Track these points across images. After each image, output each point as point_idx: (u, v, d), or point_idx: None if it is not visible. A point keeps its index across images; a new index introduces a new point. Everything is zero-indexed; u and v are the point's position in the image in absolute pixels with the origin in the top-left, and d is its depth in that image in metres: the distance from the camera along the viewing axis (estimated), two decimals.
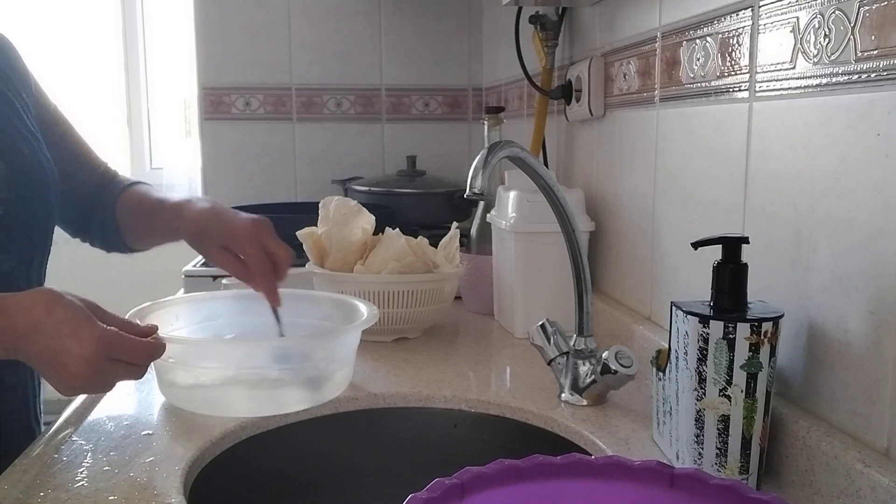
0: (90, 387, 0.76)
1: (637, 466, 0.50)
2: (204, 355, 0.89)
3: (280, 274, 0.93)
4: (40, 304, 0.72)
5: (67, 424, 0.84)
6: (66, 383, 0.73)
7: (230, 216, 0.95)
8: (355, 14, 2.08)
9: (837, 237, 0.65)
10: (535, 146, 1.41)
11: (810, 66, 0.68)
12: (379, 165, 2.13)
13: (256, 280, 0.92)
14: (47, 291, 0.74)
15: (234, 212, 0.96)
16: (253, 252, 0.91)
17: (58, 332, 0.71)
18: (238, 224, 0.93)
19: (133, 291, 1.56)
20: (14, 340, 0.72)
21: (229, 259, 0.94)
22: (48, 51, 2.95)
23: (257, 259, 0.91)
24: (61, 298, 0.73)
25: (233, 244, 0.93)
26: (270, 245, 0.92)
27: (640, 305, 1.08)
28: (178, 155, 2.57)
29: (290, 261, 0.93)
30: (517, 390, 0.95)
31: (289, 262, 0.93)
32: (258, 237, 0.92)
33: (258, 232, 0.92)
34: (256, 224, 0.93)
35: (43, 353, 0.72)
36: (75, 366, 0.71)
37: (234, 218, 0.94)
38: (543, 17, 1.36)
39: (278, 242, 0.93)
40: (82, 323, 0.72)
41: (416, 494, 0.46)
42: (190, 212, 0.97)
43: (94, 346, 0.71)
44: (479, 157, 0.80)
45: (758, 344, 0.65)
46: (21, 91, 0.98)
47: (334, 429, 0.91)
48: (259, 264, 0.91)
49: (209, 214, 0.96)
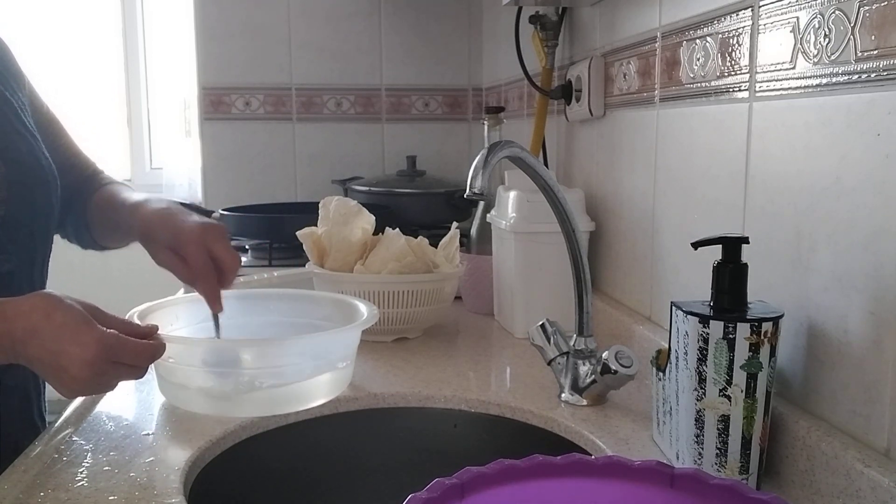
0: (91, 389, 0.76)
1: (637, 466, 0.50)
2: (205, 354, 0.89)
3: (224, 280, 0.91)
4: (39, 309, 0.72)
5: (67, 424, 0.84)
6: (68, 386, 0.73)
7: (180, 218, 0.92)
8: (355, 14, 2.08)
9: (837, 237, 0.65)
10: (535, 146, 1.41)
11: (810, 66, 0.68)
12: (379, 165, 2.13)
13: (199, 284, 0.90)
14: (46, 295, 0.74)
15: (188, 214, 0.94)
16: (196, 255, 0.89)
17: (58, 336, 0.71)
18: (186, 227, 0.90)
19: (133, 291, 1.56)
20: (13, 345, 0.72)
21: (174, 261, 0.91)
22: (48, 51, 2.96)
23: (199, 262, 0.89)
24: (60, 302, 0.73)
25: (179, 247, 0.90)
26: (217, 249, 0.90)
27: (640, 305, 1.08)
28: (178, 155, 2.57)
29: (237, 268, 0.91)
30: (517, 390, 0.95)
31: (235, 269, 0.91)
32: (205, 241, 0.89)
33: (205, 236, 0.89)
34: (205, 227, 0.90)
35: (43, 358, 0.72)
36: (76, 370, 0.71)
37: (184, 220, 0.92)
38: (543, 17, 1.36)
39: (227, 248, 0.91)
40: (82, 327, 0.72)
41: (416, 494, 0.46)
42: (143, 212, 0.96)
43: (95, 349, 0.71)
44: (479, 157, 0.80)
45: (758, 344, 0.65)
46: (17, 90, 0.98)
47: (334, 429, 0.92)
48: (201, 267, 0.89)
49: (160, 215, 0.94)
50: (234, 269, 0.91)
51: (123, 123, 3.01)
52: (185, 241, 0.89)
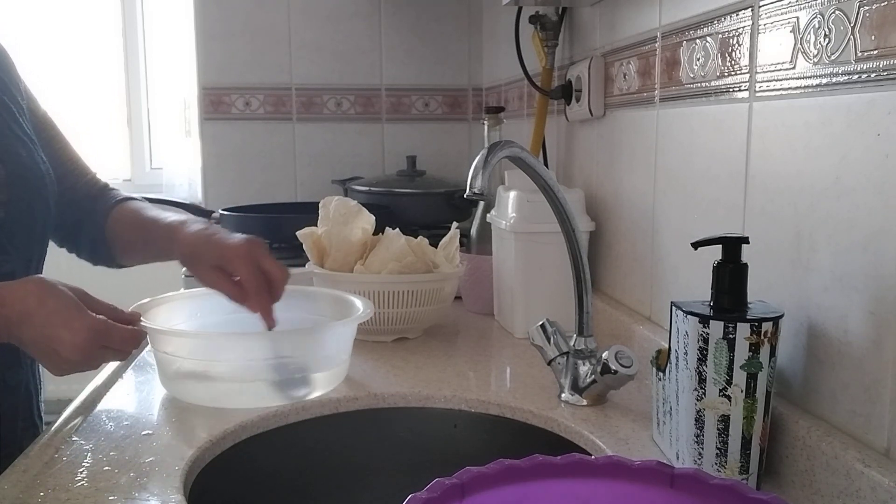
0: (80, 369, 0.80)
1: (637, 466, 0.50)
2: (210, 348, 0.91)
3: (276, 294, 0.91)
4: (33, 294, 0.77)
5: (67, 424, 0.84)
6: (59, 367, 0.79)
7: (223, 236, 0.93)
8: (355, 14, 2.08)
9: (837, 237, 0.65)
10: (535, 146, 1.41)
11: (810, 66, 0.68)
12: (379, 165, 2.13)
13: (252, 300, 0.90)
14: (39, 281, 0.79)
15: (228, 232, 0.95)
16: (248, 272, 0.89)
17: (50, 321, 0.77)
18: (232, 244, 0.91)
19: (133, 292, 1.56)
20: (8, 327, 0.77)
21: (223, 279, 0.92)
22: (48, 51, 2.95)
23: (253, 279, 0.89)
24: (53, 288, 0.78)
25: (227, 264, 0.91)
26: (266, 264, 0.91)
27: (640, 305, 1.08)
28: (178, 155, 2.57)
29: (286, 280, 0.92)
30: (517, 390, 0.95)
31: (284, 281, 0.92)
32: (253, 257, 0.90)
33: (253, 251, 0.90)
34: (251, 244, 0.91)
35: (37, 341, 0.77)
36: (67, 352, 0.77)
37: (227, 238, 0.93)
38: (543, 17, 1.36)
39: (274, 262, 0.91)
40: (73, 313, 0.78)
41: (416, 494, 0.46)
42: (184, 234, 0.96)
43: (85, 335, 0.77)
44: (479, 157, 0.80)
45: (758, 344, 0.65)
46: (16, 94, 0.98)
47: (334, 429, 0.92)
48: (255, 284, 0.89)
49: (203, 236, 0.94)
50: (284, 281, 0.92)
51: (123, 123, 3.01)
52: (233, 259, 0.90)
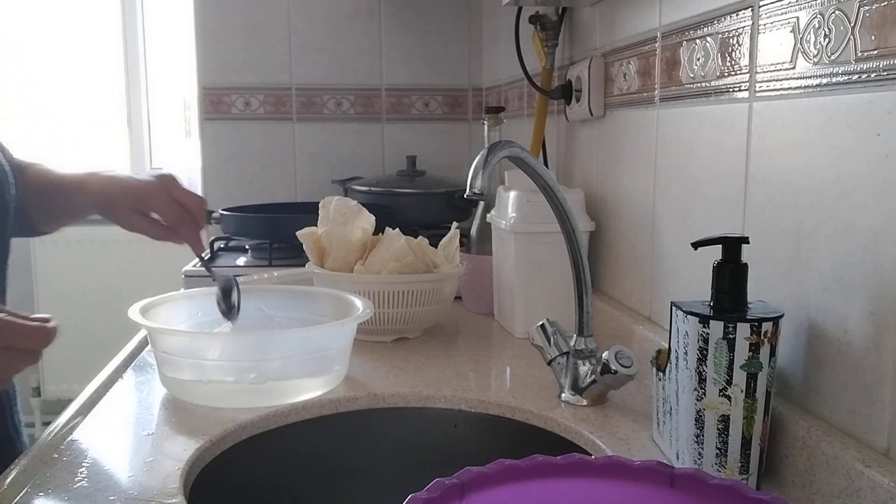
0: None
1: (637, 466, 0.50)
2: (210, 348, 0.91)
3: (198, 221, 0.93)
4: None
5: (67, 424, 0.84)
6: None
7: (133, 179, 0.95)
8: (355, 14, 2.08)
9: (837, 237, 0.65)
10: (535, 146, 1.41)
11: (810, 66, 0.68)
12: (379, 165, 2.13)
13: (177, 232, 0.92)
14: None
15: (135, 175, 0.97)
16: (166, 207, 0.91)
17: None
18: (143, 184, 0.93)
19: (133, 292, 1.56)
20: None
21: (143, 221, 0.94)
22: (49, 51, 2.95)
23: (172, 213, 0.91)
24: None
25: (142, 205, 0.93)
26: (178, 195, 0.92)
27: (640, 305, 1.08)
28: (178, 155, 2.57)
29: (203, 206, 0.94)
30: (517, 390, 0.95)
31: (202, 207, 0.94)
32: (166, 191, 0.92)
33: (165, 186, 0.92)
34: (162, 179, 0.93)
35: None
36: None
37: (137, 179, 0.94)
38: (543, 17, 1.36)
39: (186, 191, 0.93)
40: None
41: (416, 494, 0.46)
42: (93, 184, 0.97)
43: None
44: (479, 157, 0.80)
45: (758, 344, 0.65)
46: None
47: (334, 429, 0.92)
48: (175, 217, 0.92)
49: (113, 182, 0.96)
50: (202, 208, 0.94)
51: (123, 123, 3.01)
52: (148, 198, 0.92)
